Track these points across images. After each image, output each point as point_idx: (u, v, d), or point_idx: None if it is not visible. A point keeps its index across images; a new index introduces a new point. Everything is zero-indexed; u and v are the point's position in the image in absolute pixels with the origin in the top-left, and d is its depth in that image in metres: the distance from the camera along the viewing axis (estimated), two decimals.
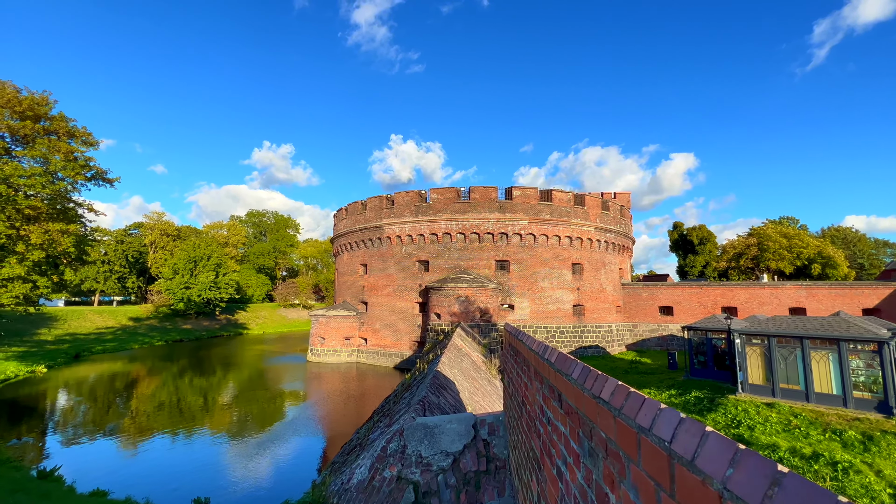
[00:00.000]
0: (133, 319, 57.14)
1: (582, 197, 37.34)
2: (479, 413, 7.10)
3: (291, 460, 15.45)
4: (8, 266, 17.75)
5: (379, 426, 7.14)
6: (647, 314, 40.33)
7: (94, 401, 24.02)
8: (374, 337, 37.23)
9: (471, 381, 10.15)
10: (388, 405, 9.36)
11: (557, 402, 1.78)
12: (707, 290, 39.15)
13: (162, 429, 18.87)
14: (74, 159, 20.61)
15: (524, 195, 34.91)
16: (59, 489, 11.20)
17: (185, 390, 27.21)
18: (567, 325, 34.95)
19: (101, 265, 67.69)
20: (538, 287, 34.49)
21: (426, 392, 5.94)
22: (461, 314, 30.76)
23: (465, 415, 4.36)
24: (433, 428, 4.15)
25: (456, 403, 6.95)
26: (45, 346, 38.25)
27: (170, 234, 79.36)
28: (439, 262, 34.87)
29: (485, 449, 3.96)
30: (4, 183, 17.18)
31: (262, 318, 75.56)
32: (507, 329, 4.44)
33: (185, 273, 61.17)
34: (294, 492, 12.86)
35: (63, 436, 17.80)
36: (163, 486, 12.96)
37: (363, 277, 39.26)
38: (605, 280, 38.13)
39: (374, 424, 7.97)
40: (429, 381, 7.12)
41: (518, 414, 3.23)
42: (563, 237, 35.51)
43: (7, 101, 18.60)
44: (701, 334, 22.92)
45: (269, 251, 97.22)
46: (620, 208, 41.51)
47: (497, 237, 34.35)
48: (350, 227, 40.70)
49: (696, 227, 67.43)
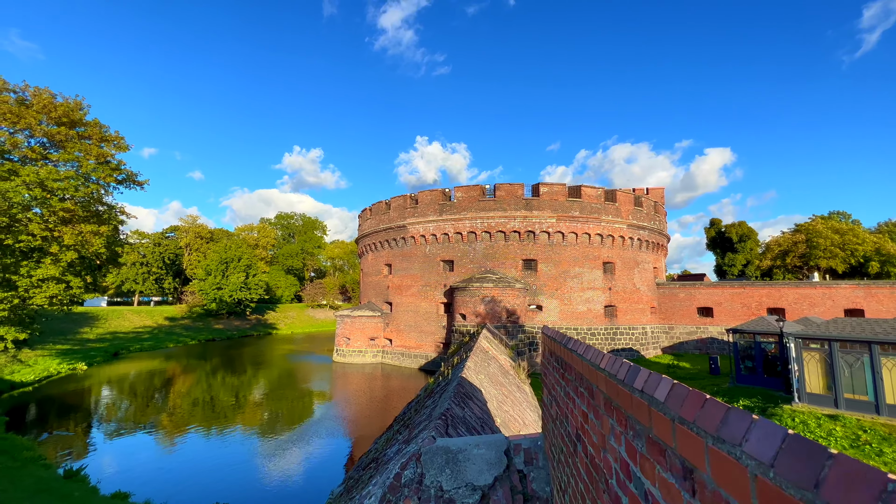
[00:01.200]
0: (168, 319, 59.16)
1: (613, 193, 35.69)
2: (513, 433, 6.28)
3: (316, 462, 15.12)
4: (43, 267, 18.37)
5: (397, 439, 6.45)
6: (684, 315, 38.14)
7: (130, 398, 24.63)
8: (398, 338, 36.83)
9: (499, 388, 9.32)
10: (408, 413, 8.66)
11: (681, 479, 0.99)
12: (751, 290, 36.63)
13: (195, 426, 19.24)
14: (106, 163, 21.19)
15: (552, 192, 33.65)
16: (81, 490, 11.13)
17: (217, 388, 27.68)
18: (598, 327, 33.42)
19: (140, 267, 70.62)
20: (567, 287, 33.14)
21: (449, 403, 5.19)
22: (487, 315, 29.86)
23: (496, 437, 3.57)
24: (457, 453, 3.38)
25: (483, 415, 6.15)
26: (86, 344, 39.92)
27: (203, 236, 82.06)
28: (464, 262, 34.08)
29: (521, 483, 3.17)
30: (39, 186, 17.79)
31: (291, 318, 76.89)
32: (547, 333, 3.61)
33: (217, 274, 62.92)
34: (317, 497, 12.40)
35: (96, 432, 18.11)
36: (188, 488, 12.78)
37: (387, 278, 38.97)
38: (639, 279, 36.30)
39: (393, 435, 7.28)
40: (453, 388, 6.36)
41: (570, 450, 2.43)
42: (594, 235, 34.00)
43: (43, 106, 19.30)
44: (748, 337, 21.15)
45: (298, 252, 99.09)
46: (654, 204, 39.53)
47: (524, 235, 33.24)
48: (374, 228, 40.52)
49: (735, 224, 63.80)
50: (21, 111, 18.54)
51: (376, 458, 5.93)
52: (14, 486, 10.58)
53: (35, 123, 18.83)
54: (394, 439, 6.51)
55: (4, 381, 24.75)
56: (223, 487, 13.03)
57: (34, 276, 18.20)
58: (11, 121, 18.20)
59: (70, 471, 12.41)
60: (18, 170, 17.70)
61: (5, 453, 13.39)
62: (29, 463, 12.91)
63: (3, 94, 18.60)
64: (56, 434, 17.50)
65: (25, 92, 19.94)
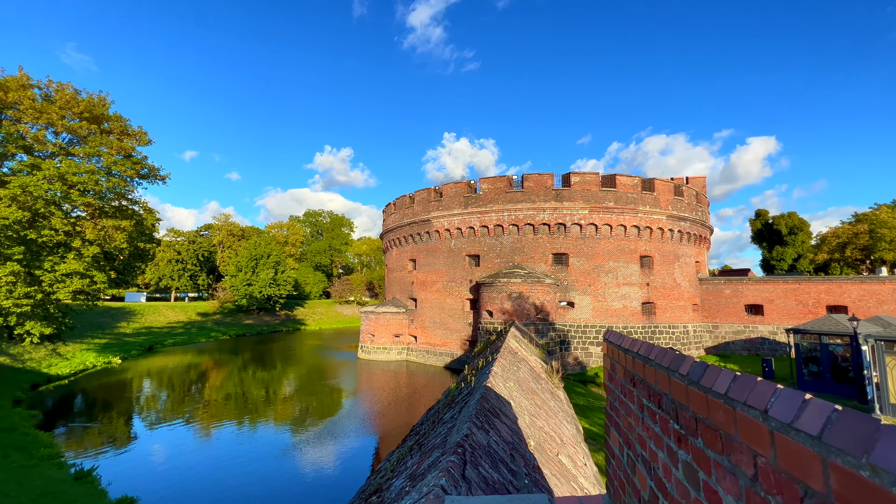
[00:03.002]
0: (201, 314, 60.77)
1: (651, 182, 33.29)
2: (555, 465, 4.95)
3: (338, 463, 14.43)
4: (67, 262, 18.48)
5: (406, 464, 5.27)
6: (731, 313, 35.27)
7: (162, 391, 24.87)
8: (423, 335, 35.89)
9: (530, 398, 7.99)
10: (425, 425, 7.48)
11: None
12: (807, 285, 33.37)
13: (228, 419, 19.29)
14: (128, 157, 21.22)
15: (584, 181, 31.66)
16: (88, 494, 10.63)
17: (248, 382, 27.82)
18: (635, 325, 31.26)
19: (176, 264, 73.06)
20: (601, 282, 31.15)
21: (469, 426, 3.95)
22: (515, 312, 28.38)
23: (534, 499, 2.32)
24: None
25: (513, 438, 4.87)
26: (123, 338, 41.20)
27: (235, 234, 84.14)
28: (490, 257, 32.66)
29: None
30: (60, 180, 17.85)
31: (319, 314, 77.71)
32: (613, 342, 2.33)
33: (247, 271, 64.14)
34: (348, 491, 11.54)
35: (122, 427, 18.01)
36: (200, 490, 12.18)
37: (412, 273, 38.07)
38: (680, 274, 33.78)
39: (404, 455, 6.12)
40: (475, 404, 5.11)
41: None
42: (630, 227, 31.79)
43: (66, 102, 19.42)
44: (812, 339, 18.77)
45: (326, 249, 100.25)
46: (696, 194, 36.74)
47: (554, 228, 31.46)
48: (398, 222, 39.68)
49: (784, 215, 59.17)
50: (43, 106, 18.73)
51: (380, 490, 4.77)
52: (20, 488, 10.18)
53: (57, 119, 18.96)
54: (403, 463, 5.35)
55: (41, 374, 25.45)
56: (249, 482, 12.54)
57: (58, 270, 18.38)
58: (34, 116, 18.38)
59: (81, 472, 12.03)
60: (40, 164, 17.87)
61: (23, 450, 13.22)
62: (44, 461, 12.65)
63: (27, 90, 18.84)
64: (79, 429, 17.48)
65: (49, 88, 20.22)
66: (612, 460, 2.30)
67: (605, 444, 2.48)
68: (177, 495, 11.76)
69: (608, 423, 2.41)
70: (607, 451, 2.45)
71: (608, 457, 2.43)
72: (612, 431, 2.28)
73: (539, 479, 4.50)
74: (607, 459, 2.47)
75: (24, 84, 18.83)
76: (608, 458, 2.43)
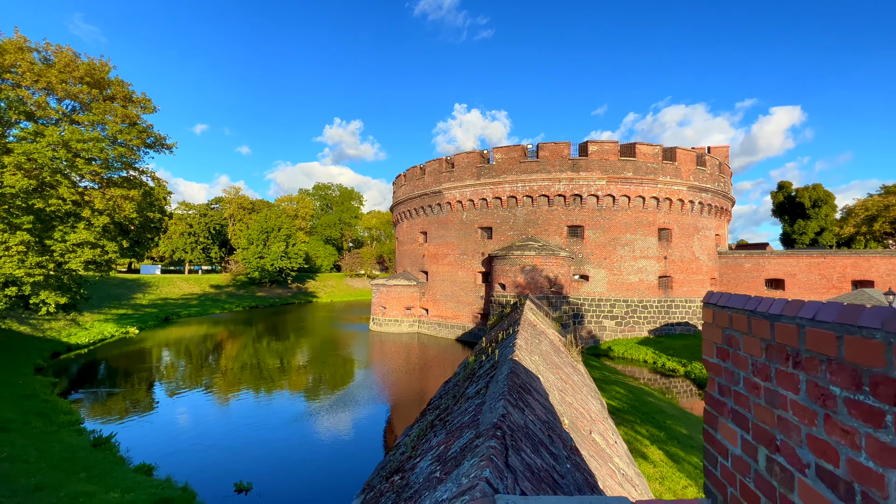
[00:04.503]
0: (214, 287, 61.56)
1: (672, 151, 31.83)
2: (590, 444, 4.49)
3: (352, 431, 14.49)
4: (77, 231, 18.34)
5: (429, 439, 4.87)
6: (750, 288, 34.36)
7: (179, 360, 25.25)
8: (434, 308, 35.77)
9: (555, 371, 7.55)
10: (445, 399, 7.09)
11: None
12: (832, 259, 32.20)
13: (245, 387, 19.58)
14: (133, 125, 20.65)
15: (602, 150, 30.36)
16: (107, 460, 10.68)
17: (263, 353, 28.16)
18: (651, 300, 30.65)
19: (188, 237, 73.61)
20: (617, 256, 30.37)
21: (504, 404, 3.48)
22: (528, 285, 27.91)
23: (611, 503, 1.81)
24: None
25: (547, 416, 4.41)
26: (139, 309, 41.90)
27: (245, 207, 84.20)
28: (503, 229, 31.95)
29: None
30: (64, 147, 17.45)
31: (330, 287, 78.32)
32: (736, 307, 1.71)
33: (258, 244, 64.39)
34: (348, 477, 11.47)
35: (140, 395, 18.26)
36: (217, 457, 12.24)
37: (423, 246, 37.61)
38: (699, 248, 32.78)
39: (425, 430, 5.73)
40: (505, 379, 4.63)
41: None
42: (649, 198, 30.65)
43: (65, 66, 18.75)
44: None
45: (335, 223, 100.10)
46: (719, 164, 35.17)
47: (569, 199, 30.48)
48: (409, 194, 38.91)
49: (808, 188, 56.86)
50: (42, 70, 18.10)
51: (402, 470, 4.38)
52: (40, 454, 10.23)
53: (57, 83, 18.36)
54: (426, 441, 4.95)
55: (61, 343, 25.95)
56: (265, 449, 12.64)
57: (69, 240, 18.27)
58: (32, 79, 17.80)
59: (100, 438, 12.12)
60: (43, 131, 17.44)
61: (43, 416, 13.38)
62: (64, 427, 12.79)
63: (24, 53, 18.16)
64: (99, 395, 17.75)
65: (48, 51, 19.51)
66: (726, 461, 1.76)
67: (709, 438, 1.94)
68: (194, 463, 11.80)
69: (713, 412, 1.86)
70: (712, 447, 1.91)
71: (713, 455, 1.89)
72: (729, 424, 1.73)
73: (579, 462, 4.06)
74: (709, 457, 1.94)
75: (21, 47, 18.12)
76: (713, 456, 1.89)
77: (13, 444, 10.26)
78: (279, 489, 10.55)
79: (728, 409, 1.73)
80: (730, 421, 1.71)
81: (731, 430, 1.69)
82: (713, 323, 1.89)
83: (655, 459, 9.63)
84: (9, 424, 11.65)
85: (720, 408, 1.79)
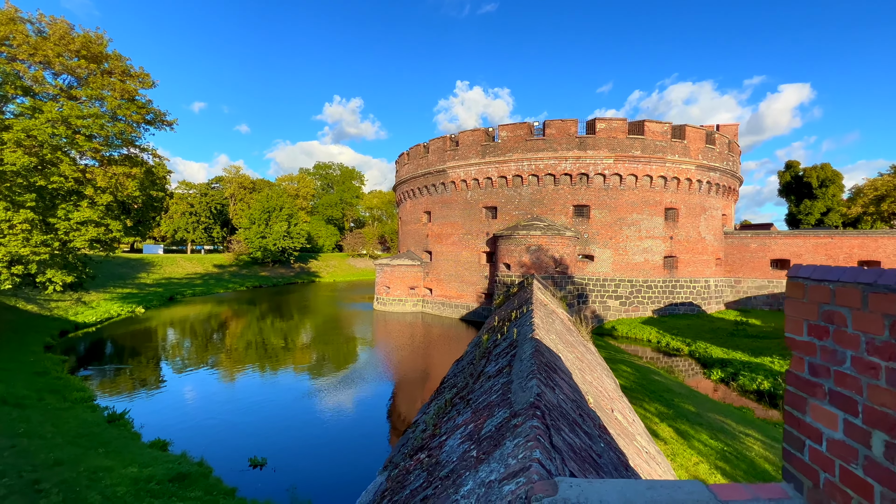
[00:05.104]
0: (217, 266, 61.69)
1: (682, 129, 31.19)
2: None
3: (357, 407, 14.63)
4: (81, 210, 18.17)
5: (452, 417, 4.84)
6: (755, 268, 34.28)
7: (185, 339, 25.47)
8: (438, 287, 35.84)
9: (571, 350, 7.51)
10: (461, 377, 7.06)
11: None
12: (839, 239, 31.97)
13: (251, 365, 19.77)
14: (132, 101, 20.16)
15: (610, 128, 29.75)
16: (122, 436, 10.82)
17: (267, 331, 28.36)
18: (656, 280, 30.61)
19: (190, 217, 73.33)
20: (623, 236, 30.16)
21: (537, 385, 3.39)
22: (533, 265, 27.83)
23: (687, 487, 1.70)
24: None
25: (574, 395, 4.34)
26: (144, 288, 42.08)
27: (246, 186, 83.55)
28: (508, 209, 31.66)
29: None
30: (64, 124, 17.08)
31: (333, 266, 78.50)
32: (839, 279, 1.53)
33: (260, 223, 64.16)
34: (360, 453, 11.63)
35: (149, 373, 18.45)
36: (227, 433, 12.41)
37: (427, 226, 37.39)
38: (705, 228, 32.52)
39: (445, 408, 5.70)
40: (529, 358, 4.55)
41: None
42: (656, 177, 30.22)
43: (60, 38, 18.16)
44: None
45: (337, 203, 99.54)
46: (728, 143, 34.54)
47: (576, 179, 30.07)
48: (412, 173, 38.43)
49: (816, 167, 56.06)
50: (38, 42, 17.51)
51: (427, 448, 4.34)
52: (56, 429, 10.36)
53: (54, 56, 17.79)
54: (449, 419, 4.91)
55: (69, 322, 26.13)
56: (273, 425, 12.81)
57: (73, 218, 18.10)
58: (28, 52, 17.24)
59: (114, 414, 12.27)
60: (42, 106, 17.04)
61: (57, 393, 13.52)
62: (77, 404, 12.94)
63: (17, 24, 17.52)
64: (109, 373, 17.93)
65: (41, 23, 18.85)
66: (818, 445, 1.65)
67: (792, 420, 1.82)
68: (207, 438, 11.97)
69: (801, 394, 1.75)
70: (797, 430, 1.80)
71: (798, 438, 1.78)
72: (825, 406, 1.61)
73: (610, 441, 4.01)
74: (793, 440, 1.84)
75: (12, 17, 17.45)
76: (798, 439, 1.78)
77: (29, 421, 10.37)
78: (292, 464, 10.71)
79: (824, 390, 1.60)
80: (826, 403, 1.59)
81: (828, 413, 1.57)
82: (804, 298, 1.74)
83: (666, 436, 9.70)
84: (24, 401, 11.77)
85: (811, 389, 1.67)
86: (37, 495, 6.36)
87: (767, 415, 13.99)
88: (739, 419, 12.03)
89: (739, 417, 12.32)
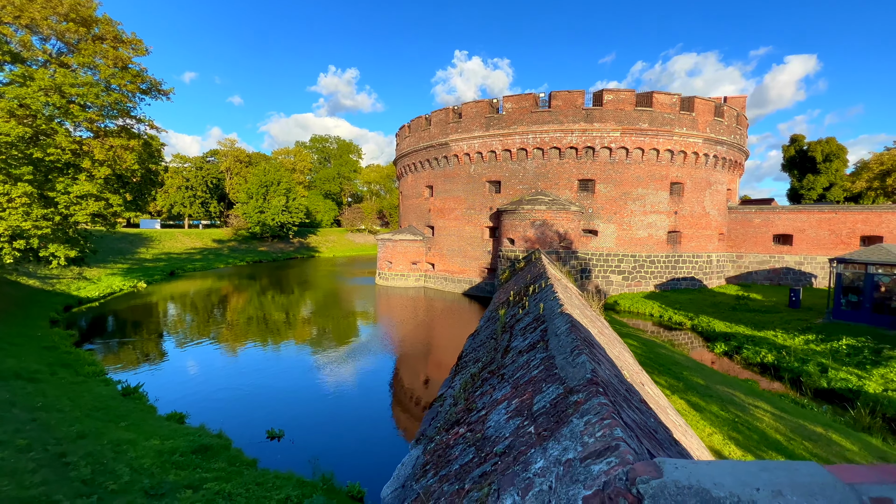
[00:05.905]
0: (216, 241, 61.31)
1: (691, 101, 30.48)
2: None
3: (361, 379, 14.74)
4: (79, 183, 17.74)
5: (486, 392, 4.81)
6: (757, 243, 34.34)
7: (189, 313, 25.50)
8: (441, 262, 35.81)
9: (592, 325, 7.46)
10: (483, 352, 7.04)
11: None
12: (843, 214, 31.92)
13: (253, 340, 19.77)
14: (125, 68, 19.33)
15: (617, 100, 29.02)
16: (138, 409, 10.92)
17: (269, 306, 28.37)
18: (659, 255, 30.65)
19: (186, 191, 72.24)
20: (627, 210, 29.97)
21: (589, 361, 3.31)
22: (537, 240, 27.73)
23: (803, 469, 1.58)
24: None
25: (616, 371, 4.29)
26: (144, 263, 41.87)
27: (242, 160, 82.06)
28: (512, 183, 31.26)
29: None
30: (57, 92, 16.41)
31: (332, 241, 78.22)
32: None
33: (258, 198, 63.36)
34: (373, 425, 11.80)
35: (159, 346, 18.52)
36: (245, 406, 12.55)
37: (429, 200, 36.99)
38: (710, 203, 32.33)
39: (475, 383, 5.66)
40: (567, 332, 4.48)
41: None
42: (663, 151, 29.75)
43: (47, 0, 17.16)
44: (858, 268, 18.00)
45: (334, 177, 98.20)
46: (736, 115, 33.91)
47: (581, 152, 29.56)
48: (414, 146, 37.68)
49: (821, 141, 55.40)
50: (23, 4, 16.56)
51: (466, 422, 4.31)
52: (73, 403, 10.41)
53: (41, 19, 16.88)
54: (483, 393, 4.88)
55: (72, 297, 26.04)
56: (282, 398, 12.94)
57: (71, 192, 17.68)
58: (13, 14, 16.33)
59: (128, 388, 12.34)
60: (33, 74, 16.31)
61: (68, 367, 13.56)
62: (90, 378, 12.99)
63: None
64: (118, 348, 17.99)
65: None
66: None
67: None
68: (222, 411, 12.09)
69: None
70: None
71: None
72: None
73: (656, 415, 3.98)
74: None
75: None
76: None
77: (45, 395, 10.40)
78: (308, 435, 10.87)
79: None
80: None
81: None
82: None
83: (678, 408, 9.84)
84: (37, 375, 11.79)
85: None
86: (65, 468, 6.40)
87: (772, 387, 14.26)
88: (747, 391, 12.24)
89: (747, 389, 12.53)
